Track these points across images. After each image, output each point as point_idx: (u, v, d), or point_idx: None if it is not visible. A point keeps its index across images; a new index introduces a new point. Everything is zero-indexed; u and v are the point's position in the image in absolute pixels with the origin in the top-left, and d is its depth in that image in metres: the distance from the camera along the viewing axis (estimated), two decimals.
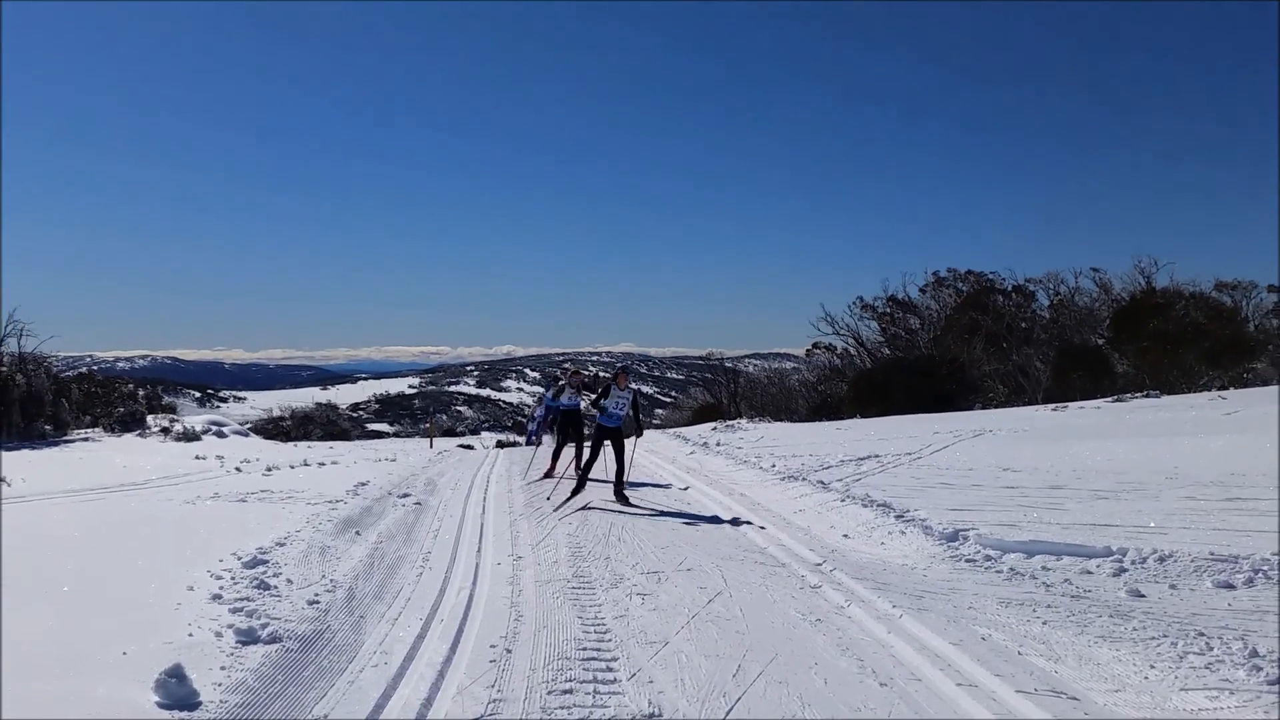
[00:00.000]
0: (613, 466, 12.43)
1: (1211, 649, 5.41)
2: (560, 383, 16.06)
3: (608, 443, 12.26)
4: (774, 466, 14.81)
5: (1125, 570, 7.52)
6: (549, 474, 14.90)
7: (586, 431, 14.45)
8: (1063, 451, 14.02)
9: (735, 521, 10.68)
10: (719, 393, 45.53)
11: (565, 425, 15.43)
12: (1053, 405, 24.58)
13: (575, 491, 12.25)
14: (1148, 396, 24.11)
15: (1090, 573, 7.59)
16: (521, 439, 26.86)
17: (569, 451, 15.10)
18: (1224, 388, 26.16)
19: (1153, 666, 5.24)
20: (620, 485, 12.25)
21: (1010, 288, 41.19)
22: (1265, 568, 7.22)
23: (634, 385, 12.52)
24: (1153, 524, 8.82)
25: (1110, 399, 24.46)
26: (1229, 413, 17.68)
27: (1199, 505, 9.52)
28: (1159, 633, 5.81)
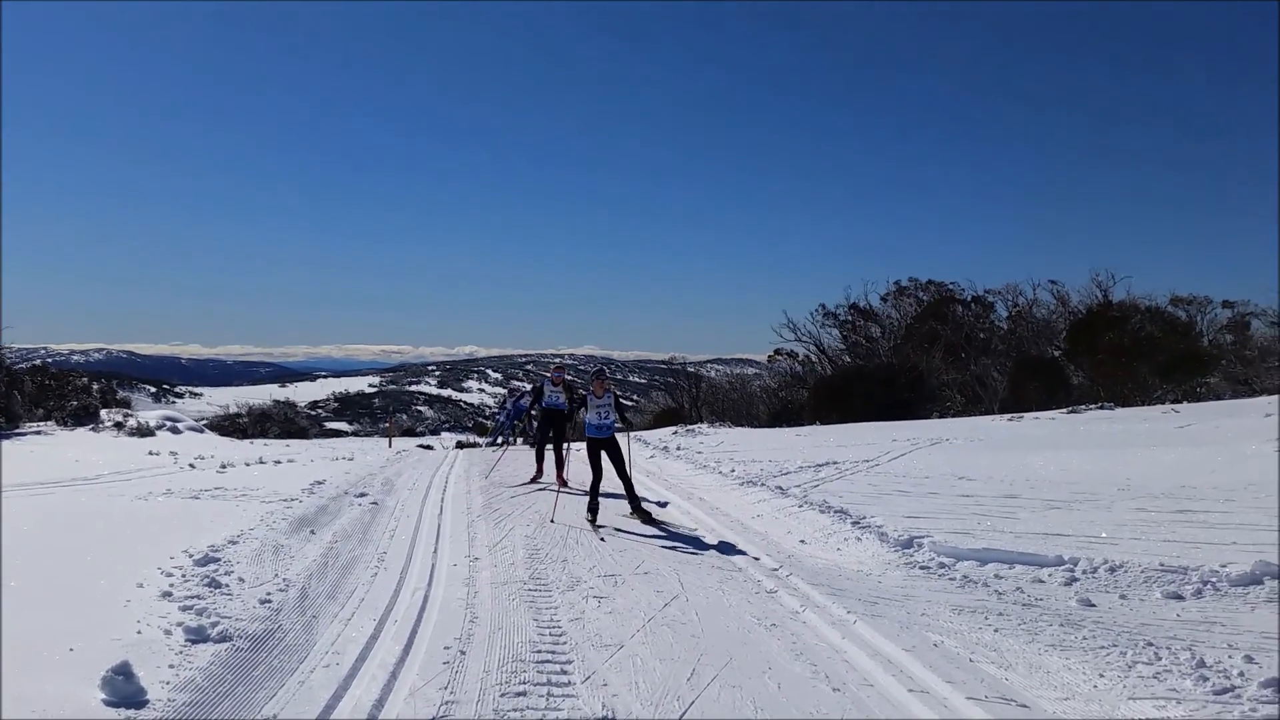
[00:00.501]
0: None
1: (1160, 659, 5.49)
2: (533, 387, 15.63)
3: (603, 453, 11.23)
4: (734, 471, 14.84)
5: (1076, 580, 7.62)
6: (535, 479, 14.34)
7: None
8: (1017, 461, 14.17)
9: (693, 526, 10.70)
10: (680, 397, 45.57)
11: (547, 425, 14.73)
12: (1009, 415, 24.84)
13: (591, 511, 10.84)
14: (1102, 408, 24.44)
15: (1042, 581, 7.67)
16: (483, 440, 26.61)
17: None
18: (1177, 401, 26.57)
19: (1102, 675, 5.31)
20: (634, 499, 11.28)
21: (970, 298, 41.61)
22: (1214, 579, 7.33)
23: (613, 390, 11.70)
24: (1104, 534, 8.94)
25: (1065, 410, 24.75)
26: (1181, 426, 17.96)
27: (1150, 516, 9.66)
28: (1108, 642, 5.88)
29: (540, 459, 14.76)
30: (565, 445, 14.23)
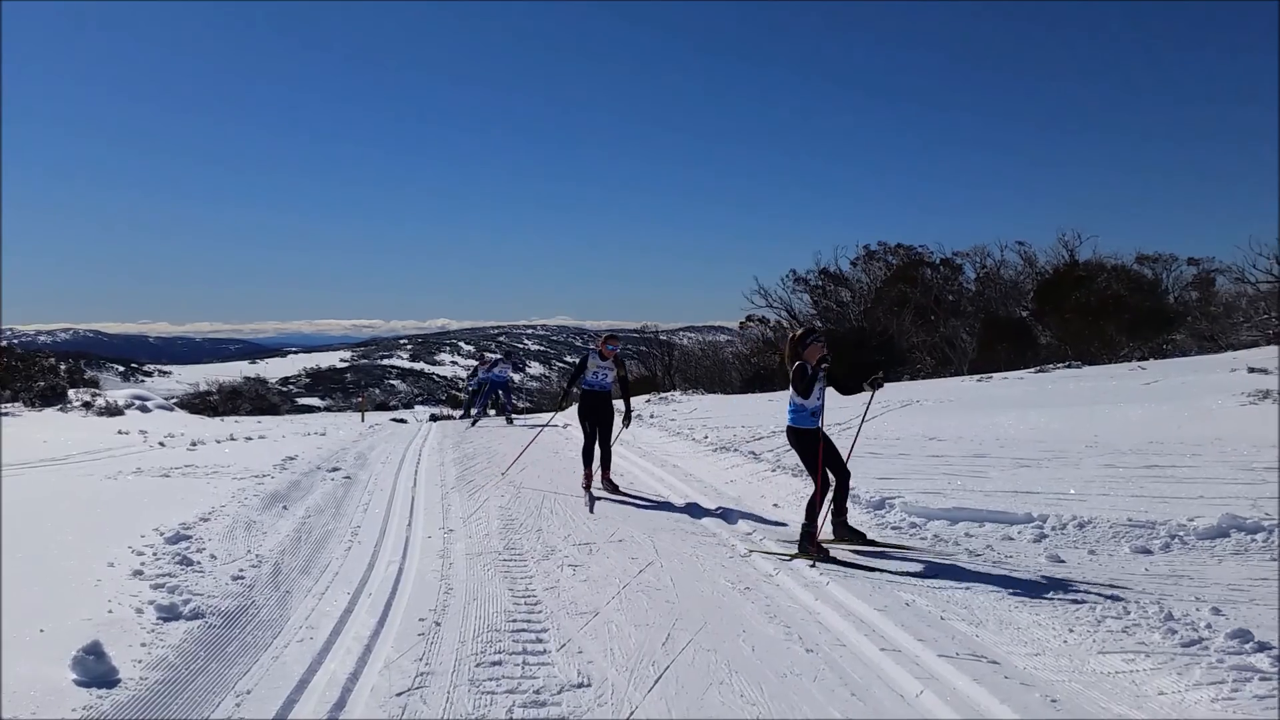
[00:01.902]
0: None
1: (1128, 613, 5.56)
2: (588, 352, 11.65)
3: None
4: (707, 438, 14.88)
5: (1046, 536, 7.71)
6: (586, 485, 10.83)
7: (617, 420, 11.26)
8: (986, 421, 14.30)
9: (667, 492, 10.72)
10: (654, 365, 45.63)
11: (589, 412, 11.14)
12: (978, 376, 25.03)
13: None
14: (1069, 367, 24.67)
15: (1011, 539, 7.76)
16: (457, 413, 26.45)
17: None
18: (1144, 359, 26.85)
19: (1071, 630, 5.38)
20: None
21: (938, 261, 41.82)
22: (1181, 534, 7.44)
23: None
24: (1073, 491, 9.04)
25: (1033, 370, 24.98)
26: (1148, 383, 18.16)
27: (1118, 473, 9.79)
28: (1078, 597, 5.96)
29: (589, 459, 11.08)
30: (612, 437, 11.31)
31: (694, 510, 9.61)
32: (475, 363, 25.41)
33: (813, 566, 7.00)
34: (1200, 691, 4.38)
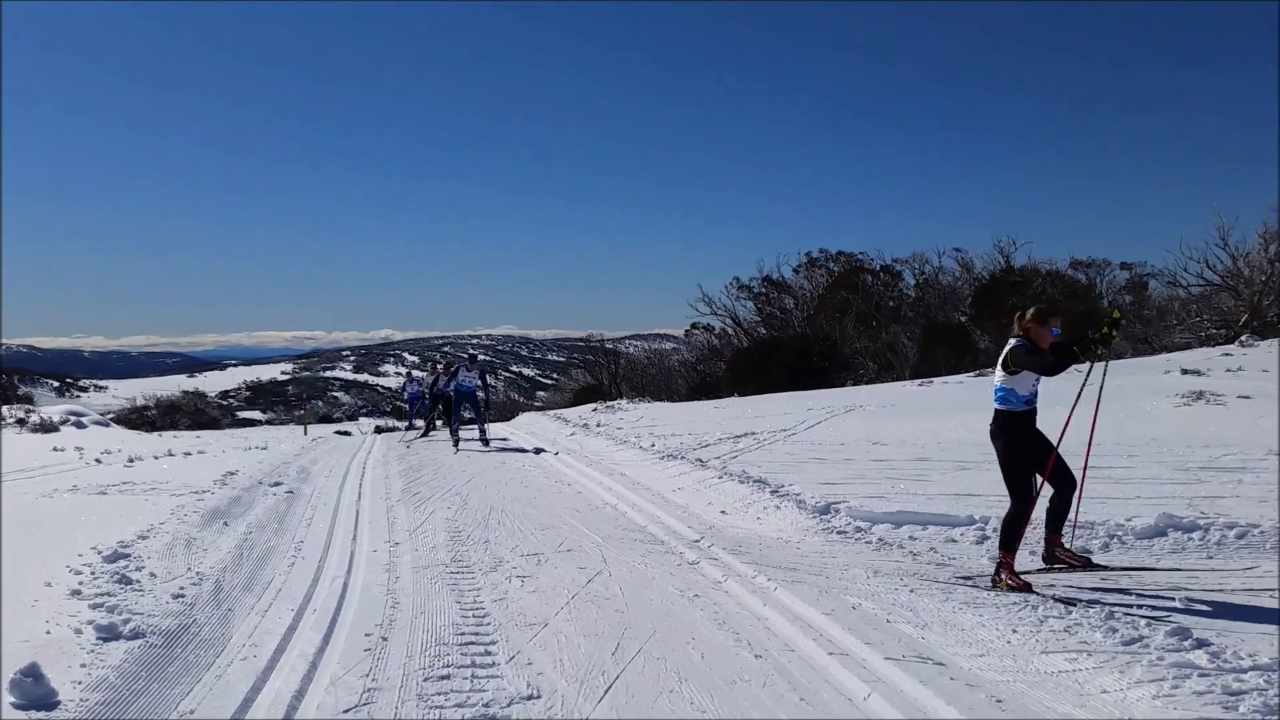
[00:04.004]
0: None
1: (1070, 613, 5.65)
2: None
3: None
4: (654, 446, 14.91)
5: (988, 538, 7.81)
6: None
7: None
8: (928, 425, 14.50)
9: (615, 501, 10.72)
10: (600, 374, 45.63)
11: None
12: (919, 381, 25.38)
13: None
14: None
15: (955, 541, 7.87)
16: (402, 424, 26.14)
17: None
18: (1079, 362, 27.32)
19: (1015, 631, 5.45)
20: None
21: (878, 268, 42.36)
22: (1119, 533, 7.59)
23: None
24: None
25: (973, 374, 25.35)
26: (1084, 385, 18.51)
27: None
28: (1020, 598, 6.05)
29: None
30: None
31: (642, 519, 9.61)
32: (422, 374, 25.06)
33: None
34: (1141, 689, 4.46)
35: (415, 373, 21.86)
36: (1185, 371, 18.02)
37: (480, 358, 18.01)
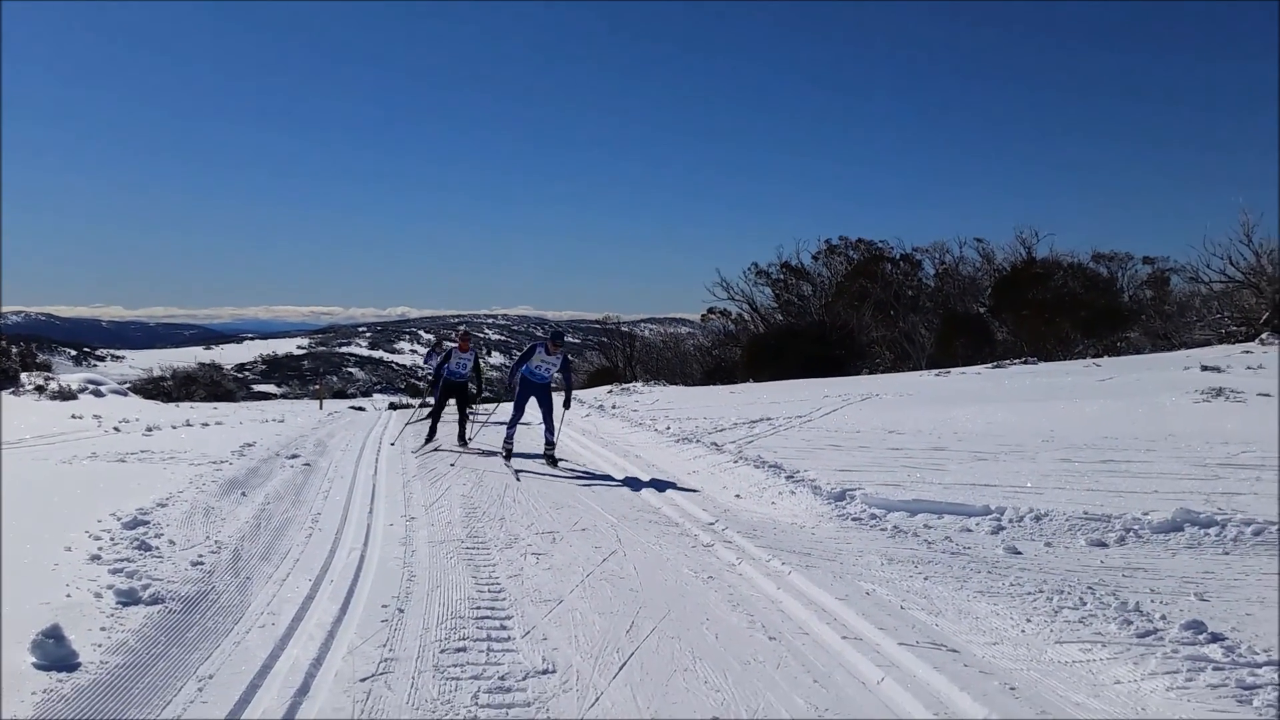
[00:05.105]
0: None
1: (1085, 604, 5.65)
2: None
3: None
4: (669, 429, 14.93)
5: (1003, 528, 7.80)
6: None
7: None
8: (945, 415, 14.46)
9: (630, 482, 10.75)
10: (615, 356, 45.66)
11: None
12: (936, 371, 25.30)
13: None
14: (1025, 363, 25.00)
15: (970, 530, 7.85)
16: (415, 402, 25.96)
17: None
18: (1098, 356, 27.24)
19: (1029, 620, 5.45)
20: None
21: (898, 256, 42.21)
22: (1136, 527, 7.56)
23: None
24: (1029, 484, 9.17)
25: (990, 365, 25.27)
26: (1103, 379, 18.44)
27: (1074, 467, 9.93)
28: (1035, 588, 6.04)
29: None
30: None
31: (656, 500, 9.63)
32: (452, 343, 24.70)
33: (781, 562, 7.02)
34: (1156, 681, 4.46)
35: (447, 343, 20.58)
36: (1205, 368, 17.90)
37: (567, 338, 13.15)
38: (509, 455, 12.28)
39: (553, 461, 12.17)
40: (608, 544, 7.59)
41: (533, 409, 12.75)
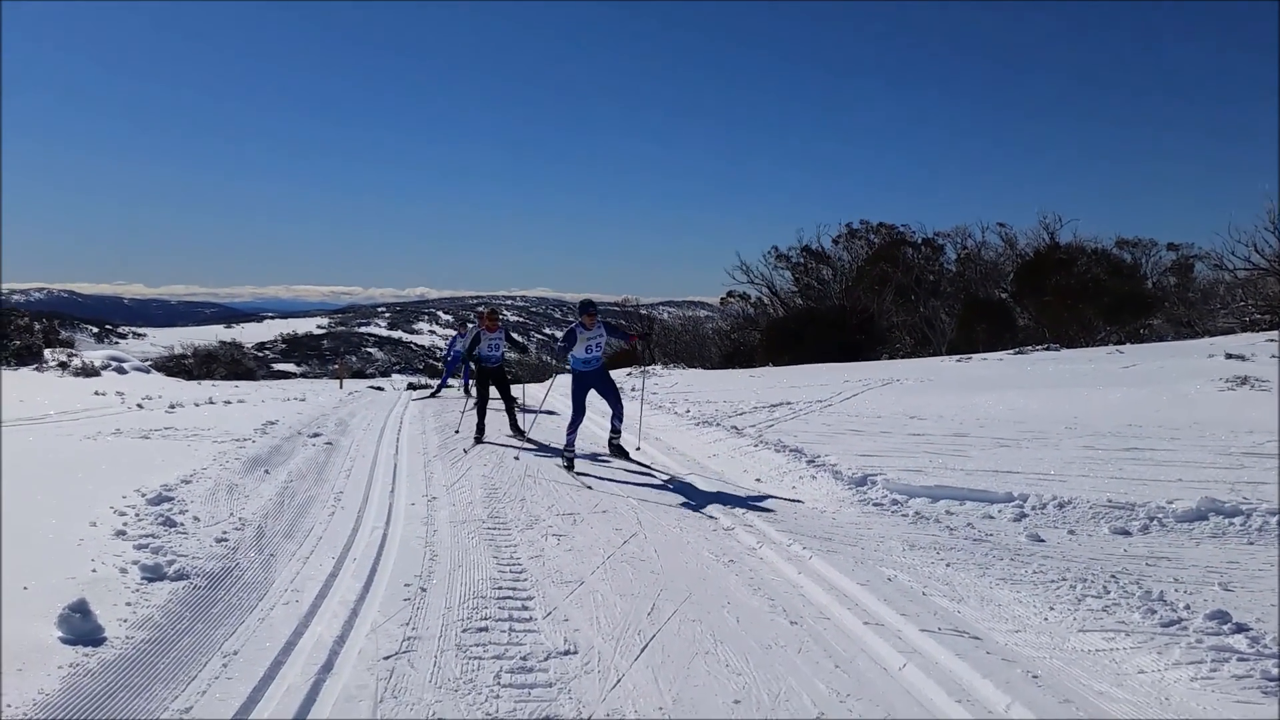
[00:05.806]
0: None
1: (1108, 592, 5.62)
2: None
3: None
4: (689, 412, 14.91)
5: (1026, 515, 7.77)
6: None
7: None
8: (966, 401, 14.38)
9: (650, 466, 10.75)
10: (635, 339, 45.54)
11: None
12: (957, 356, 25.15)
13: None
14: (1048, 349, 24.81)
15: (992, 517, 7.82)
16: (434, 383, 25.70)
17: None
18: (1121, 342, 27.02)
19: (1052, 608, 5.43)
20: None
21: (920, 241, 41.87)
22: (1160, 515, 7.51)
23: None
24: (1052, 472, 9.12)
25: (1012, 351, 25.10)
26: (1126, 366, 18.29)
27: (1097, 454, 9.87)
28: (1058, 576, 6.02)
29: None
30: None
31: (676, 483, 9.64)
32: (454, 333, 24.39)
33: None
34: (1179, 670, 4.44)
35: (469, 324, 20.05)
36: (1229, 356, 17.72)
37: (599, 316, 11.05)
38: (571, 464, 10.38)
39: (620, 452, 11.08)
40: (628, 526, 7.60)
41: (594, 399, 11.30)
